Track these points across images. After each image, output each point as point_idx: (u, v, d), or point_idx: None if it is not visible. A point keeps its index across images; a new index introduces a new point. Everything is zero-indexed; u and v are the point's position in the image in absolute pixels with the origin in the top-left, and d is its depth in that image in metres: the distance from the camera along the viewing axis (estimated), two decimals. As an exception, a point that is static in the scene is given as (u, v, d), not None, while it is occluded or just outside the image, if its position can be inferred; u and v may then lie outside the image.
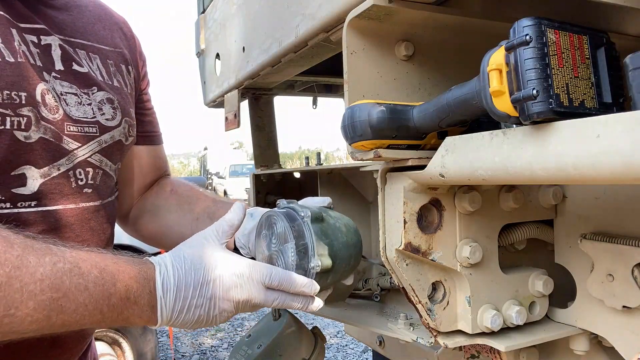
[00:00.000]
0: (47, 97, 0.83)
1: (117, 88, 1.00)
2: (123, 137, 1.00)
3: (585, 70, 0.56)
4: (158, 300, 0.74)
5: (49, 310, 0.64)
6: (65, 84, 0.88)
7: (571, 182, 0.60)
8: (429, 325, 0.80)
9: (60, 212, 0.86)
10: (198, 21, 1.81)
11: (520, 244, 0.88)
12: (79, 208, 0.89)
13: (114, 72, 1.01)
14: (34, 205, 0.82)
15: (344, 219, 0.95)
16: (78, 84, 0.91)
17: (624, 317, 0.77)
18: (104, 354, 3.02)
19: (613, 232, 0.77)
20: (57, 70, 0.88)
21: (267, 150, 1.83)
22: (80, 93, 0.91)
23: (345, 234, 0.91)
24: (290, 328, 1.13)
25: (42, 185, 0.83)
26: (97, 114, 0.93)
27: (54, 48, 0.88)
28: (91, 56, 0.97)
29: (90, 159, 0.91)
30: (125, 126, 1.00)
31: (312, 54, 1.13)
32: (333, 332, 5.04)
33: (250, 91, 1.77)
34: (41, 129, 0.82)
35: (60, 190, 0.86)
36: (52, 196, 0.84)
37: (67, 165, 0.87)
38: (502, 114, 0.56)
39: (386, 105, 0.69)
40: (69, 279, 0.66)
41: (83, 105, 0.91)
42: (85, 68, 0.93)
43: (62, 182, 0.86)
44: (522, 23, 0.53)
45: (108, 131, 0.95)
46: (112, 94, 0.97)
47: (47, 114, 0.83)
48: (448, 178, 0.66)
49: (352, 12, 0.75)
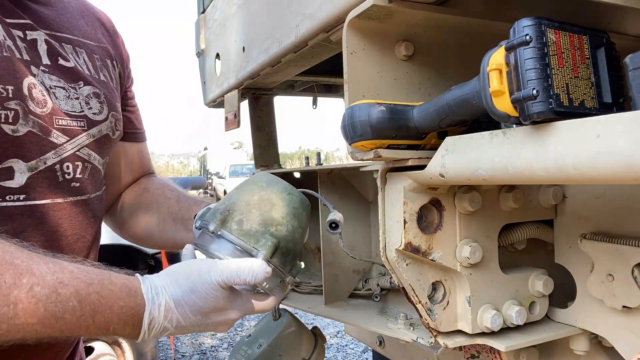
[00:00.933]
0: (34, 90, 0.83)
1: (104, 82, 1.00)
2: (110, 131, 1.00)
3: (585, 70, 0.56)
4: (141, 334, 0.74)
5: (24, 332, 0.62)
6: (53, 78, 0.88)
7: (571, 182, 0.60)
8: (429, 325, 0.80)
9: (48, 206, 0.86)
10: (198, 21, 1.81)
11: (520, 244, 0.88)
12: (66, 202, 0.89)
13: (100, 66, 1.01)
14: (22, 199, 0.82)
15: (273, 187, 0.89)
16: (65, 78, 0.91)
17: (624, 317, 0.77)
18: (104, 354, 3.02)
19: (613, 232, 0.77)
20: (45, 64, 0.88)
21: (267, 150, 1.82)
22: (68, 87, 0.91)
23: (277, 206, 0.86)
24: (290, 328, 1.13)
25: (29, 178, 0.83)
26: (84, 108, 0.93)
27: (39, 43, 0.88)
28: (77, 50, 0.96)
29: (79, 153, 0.91)
30: (112, 120, 1.00)
31: (312, 54, 1.13)
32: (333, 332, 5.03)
33: (250, 91, 1.77)
34: (29, 122, 0.82)
35: (47, 184, 0.85)
36: (40, 190, 0.84)
37: (54, 159, 0.86)
38: (502, 114, 0.56)
39: (386, 105, 0.69)
40: (44, 306, 0.63)
41: (71, 100, 0.91)
42: (71, 62, 0.93)
43: (50, 175, 0.86)
44: (522, 23, 0.53)
45: (95, 125, 0.95)
46: (98, 88, 0.97)
47: (34, 107, 0.83)
48: (448, 178, 0.66)
49: (352, 12, 0.75)
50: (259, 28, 1.24)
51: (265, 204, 0.86)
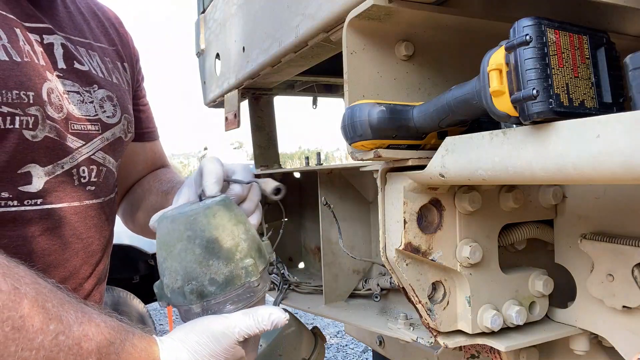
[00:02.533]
0: (52, 95, 0.84)
1: (116, 85, 1.01)
2: (123, 133, 1.00)
3: (585, 70, 0.56)
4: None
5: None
6: (67, 83, 0.89)
7: (571, 182, 0.60)
8: (429, 325, 0.80)
9: (65, 210, 0.87)
10: (198, 21, 1.81)
11: (520, 244, 0.88)
12: (82, 205, 0.90)
13: (111, 68, 1.02)
14: (39, 203, 0.83)
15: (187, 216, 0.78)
16: (80, 82, 0.91)
17: (624, 317, 0.77)
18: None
19: (613, 232, 0.77)
20: (60, 68, 0.88)
21: (267, 150, 1.83)
22: (83, 91, 0.92)
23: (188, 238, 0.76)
24: (291, 328, 1.13)
25: (46, 183, 0.84)
26: (99, 112, 0.94)
27: (56, 47, 0.89)
28: (90, 53, 0.97)
29: (94, 157, 0.92)
30: (124, 123, 1.01)
31: (312, 54, 1.13)
32: (333, 332, 5.03)
33: (250, 91, 1.77)
34: (47, 127, 0.82)
35: (64, 188, 0.87)
36: (56, 194, 0.85)
37: (70, 164, 0.87)
38: (502, 114, 0.56)
39: (386, 105, 0.69)
40: (64, 356, 0.62)
41: (85, 104, 0.91)
42: (86, 66, 0.94)
43: (66, 180, 0.87)
44: (522, 23, 0.53)
45: (109, 128, 0.96)
46: (111, 92, 0.98)
47: (52, 112, 0.84)
48: (448, 178, 0.66)
49: (352, 12, 0.75)
50: (259, 28, 1.24)
51: (211, 247, 0.76)
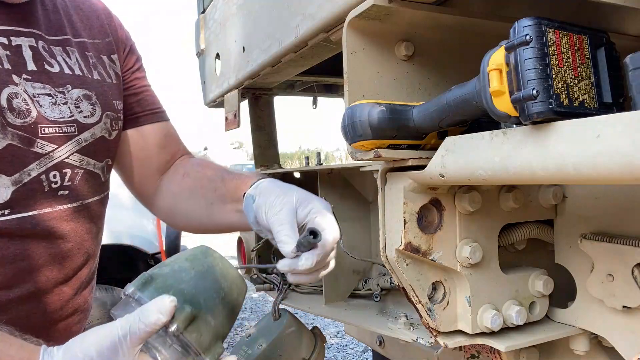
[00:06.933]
0: (14, 101, 0.81)
1: (98, 81, 0.97)
2: (106, 132, 0.97)
3: (585, 70, 0.56)
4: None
5: None
6: (37, 85, 0.86)
7: (571, 182, 0.60)
8: (429, 325, 0.80)
9: (36, 217, 0.85)
10: (198, 21, 1.81)
11: (520, 244, 0.88)
12: (55, 211, 0.87)
13: (93, 64, 0.98)
14: (7, 214, 0.81)
15: (185, 255, 0.77)
16: (52, 83, 0.88)
17: (624, 317, 0.77)
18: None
19: (613, 232, 0.77)
20: (30, 71, 0.85)
21: (267, 150, 1.83)
22: (55, 92, 0.89)
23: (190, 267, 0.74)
24: (291, 328, 1.13)
25: (14, 192, 0.81)
26: (74, 113, 0.91)
27: (24, 49, 0.86)
28: (69, 51, 0.94)
29: (68, 160, 0.89)
30: (106, 121, 0.97)
31: (312, 54, 1.13)
32: (333, 332, 5.03)
33: (250, 91, 1.77)
34: (8, 135, 0.80)
35: (33, 196, 0.84)
36: (25, 202, 0.83)
37: (38, 170, 0.85)
38: (502, 114, 0.56)
39: (386, 105, 0.69)
40: None
41: (58, 105, 0.89)
42: (56, 67, 0.90)
43: (35, 187, 0.84)
44: (522, 23, 0.53)
45: (87, 129, 0.93)
46: (90, 90, 0.95)
47: (13, 119, 0.81)
48: (448, 178, 0.66)
49: (352, 12, 0.75)
50: (259, 28, 1.24)
51: (231, 311, 0.74)
